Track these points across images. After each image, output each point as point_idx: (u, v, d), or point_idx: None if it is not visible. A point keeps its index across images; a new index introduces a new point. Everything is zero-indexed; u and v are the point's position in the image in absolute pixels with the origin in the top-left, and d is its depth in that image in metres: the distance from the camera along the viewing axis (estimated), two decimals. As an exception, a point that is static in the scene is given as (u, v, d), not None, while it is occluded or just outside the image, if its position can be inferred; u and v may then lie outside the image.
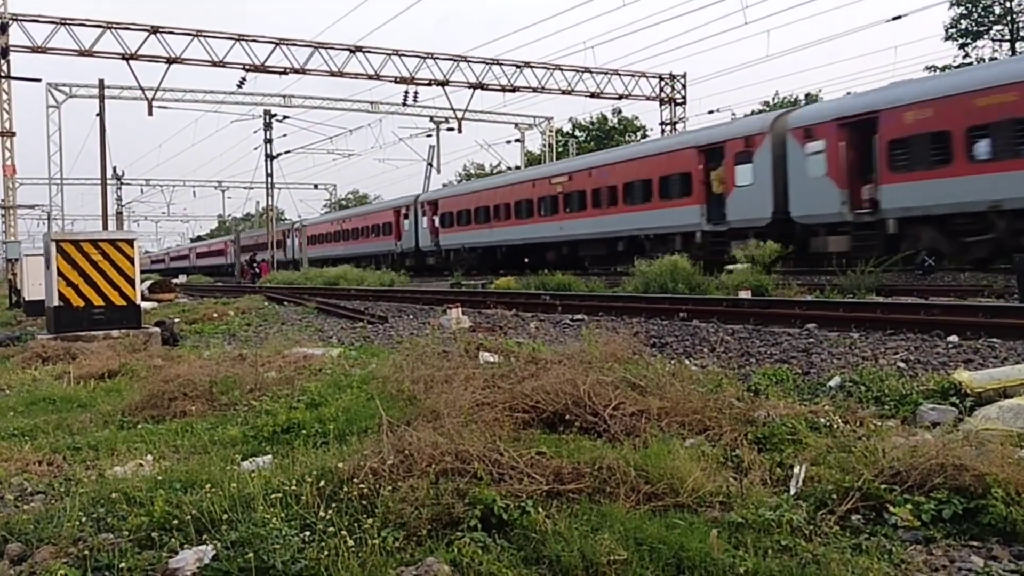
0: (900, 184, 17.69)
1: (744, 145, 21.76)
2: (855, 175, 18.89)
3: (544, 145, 53.69)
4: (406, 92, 37.53)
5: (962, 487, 3.45)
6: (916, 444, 3.96)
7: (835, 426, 4.63)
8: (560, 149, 55.65)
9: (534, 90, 37.89)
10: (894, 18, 31.65)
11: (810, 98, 46.25)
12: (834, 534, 3.27)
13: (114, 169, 57.61)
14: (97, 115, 32.82)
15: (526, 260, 31.78)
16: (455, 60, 36.21)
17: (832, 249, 19.48)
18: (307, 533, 3.18)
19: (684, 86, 41.46)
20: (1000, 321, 8.81)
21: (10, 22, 29.74)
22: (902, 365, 7.14)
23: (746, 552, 3.01)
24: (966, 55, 45.45)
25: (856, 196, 18.78)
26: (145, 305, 16.02)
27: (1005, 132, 15.60)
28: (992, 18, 45.05)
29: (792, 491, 3.72)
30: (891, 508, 3.43)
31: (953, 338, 8.36)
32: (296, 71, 33.69)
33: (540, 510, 3.33)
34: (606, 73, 39.20)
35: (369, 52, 34.60)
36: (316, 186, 79.08)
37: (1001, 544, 3.21)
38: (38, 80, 32.67)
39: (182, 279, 53.50)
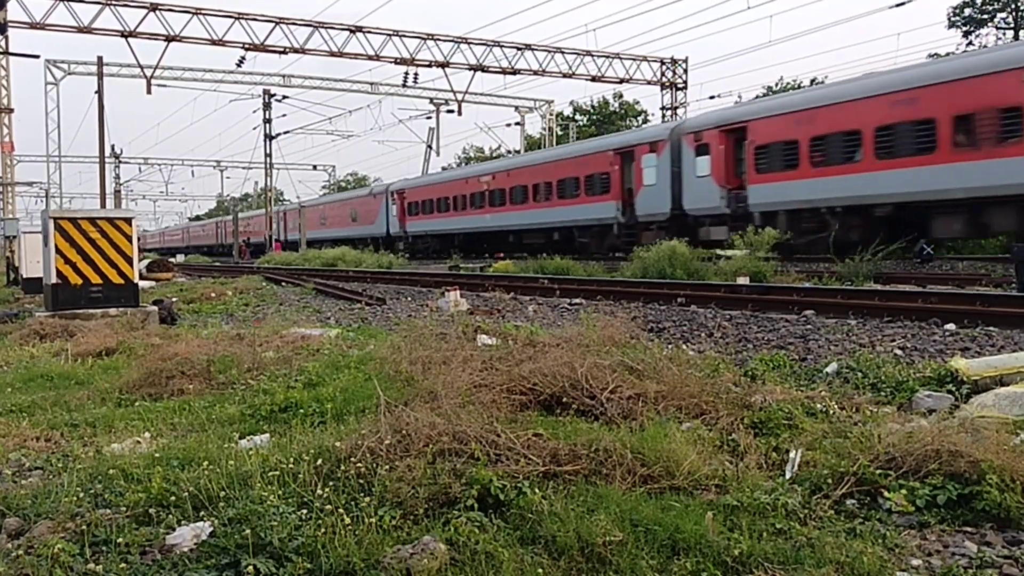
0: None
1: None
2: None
3: (544, 128, 53.49)
4: (406, 73, 37.23)
5: (957, 473, 3.47)
6: (912, 430, 3.97)
7: (831, 411, 4.64)
8: (560, 133, 55.41)
9: (535, 73, 37.67)
10: (897, 4, 31.36)
11: (815, 82, 45.99)
12: (829, 518, 3.29)
13: (112, 147, 57.40)
14: (96, 93, 32.68)
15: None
16: (455, 42, 35.99)
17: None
18: (304, 511, 3.20)
19: (686, 71, 41.28)
20: (997, 310, 8.83)
21: (8, -3, 29.47)
22: (899, 352, 7.16)
23: (741, 535, 3.02)
24: (970, 42, 45.25)
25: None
26: (143, 284, 16.01)
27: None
28: (996, 5, 44.79)
29: (787, 475, 3.74)
30: (886, 493, 3.45)
31: (950, 326, 8.38)
32: (296, 51, 33.48)
33: (537, 491, 3.34)
34: (607, 57, 38.99)
35: (369, 32, 34.37)
36: (315, 167, 78.93)
37: (995, 530, 3.23)
38: (36, 57, 32.57)
39: (180, 259, 53.41)
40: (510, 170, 34.88)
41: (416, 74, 37.30)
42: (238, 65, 35.60)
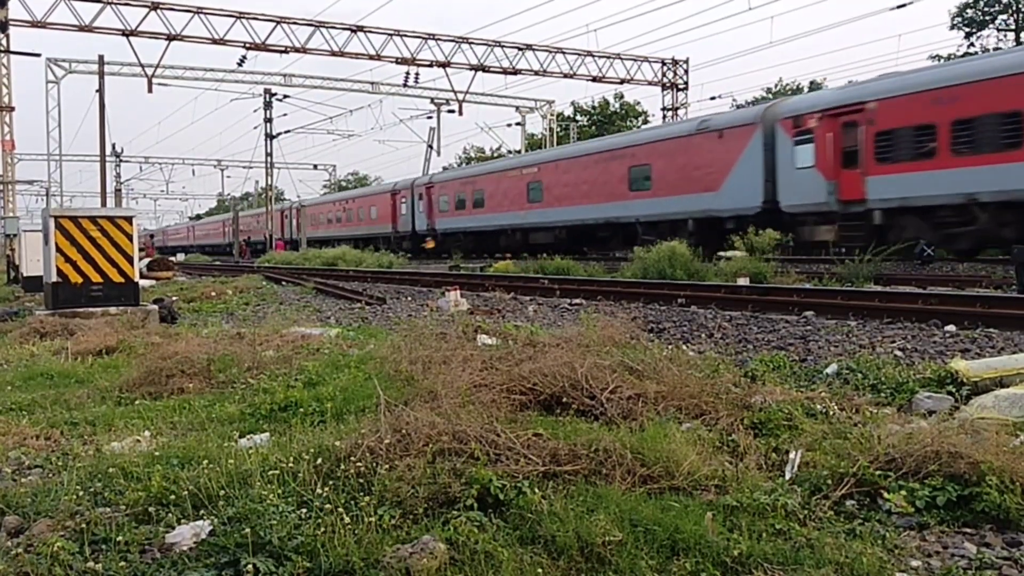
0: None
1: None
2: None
3: (545, 129, 53.49)
4: (407, 73, 37.26)
5: (957, 474, 3.47)
6: (912, 431, 3.97)
7: (831, 412, 4.64)
8: (561, 133, 55.42)
9: (535, 73, 37.68)
10: (898, 6, 31.37)
11: (815, 85, 46.03)
12: (828, 519, 3.29)
13: (113, 146, 57.39)
14: (97, 91, 32.67)
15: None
16: (456, 42, 36.00)
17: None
18: (304, 510, 3.19)
19: (687, 71, 41.30)
20: (998, 311, 8.83)
21: (9, -4, 29.46)
22: (899, 353, 7.15)
23: (740, 535, 3.02)
24: (971, 44, 45.25)
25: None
26: (143, 283, 16.02)
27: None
28: (998, 7, 44.77)
29: (787, 476, 3.74)
30: (885, 494, 3.45)
31: (950, 327, 8.37)
32: (297, 50, 33.50)
33: (536, 491, 3.34)
34: (608, 57, 39.01)
35: (370, 32, 34.39)
36: (316, 166, 78.97)
37: (994, 531, 3.23)
38: (37, 55, 32.50)
39: (180, 257, 53.45)
40: None
41: (417, 74, 37.35)
42: (239, 64, 35.65)
